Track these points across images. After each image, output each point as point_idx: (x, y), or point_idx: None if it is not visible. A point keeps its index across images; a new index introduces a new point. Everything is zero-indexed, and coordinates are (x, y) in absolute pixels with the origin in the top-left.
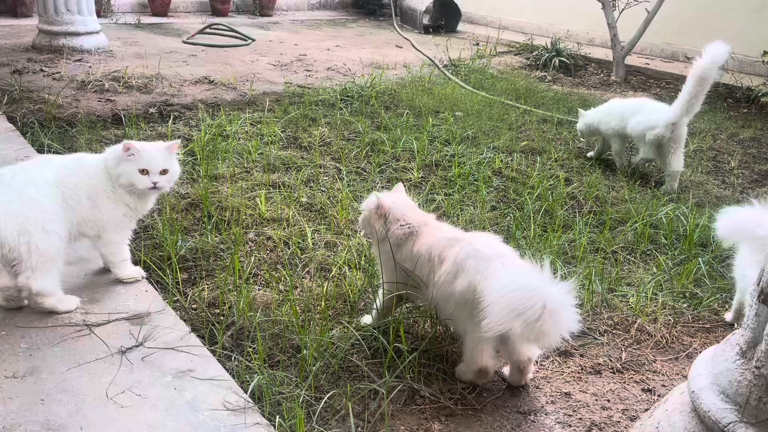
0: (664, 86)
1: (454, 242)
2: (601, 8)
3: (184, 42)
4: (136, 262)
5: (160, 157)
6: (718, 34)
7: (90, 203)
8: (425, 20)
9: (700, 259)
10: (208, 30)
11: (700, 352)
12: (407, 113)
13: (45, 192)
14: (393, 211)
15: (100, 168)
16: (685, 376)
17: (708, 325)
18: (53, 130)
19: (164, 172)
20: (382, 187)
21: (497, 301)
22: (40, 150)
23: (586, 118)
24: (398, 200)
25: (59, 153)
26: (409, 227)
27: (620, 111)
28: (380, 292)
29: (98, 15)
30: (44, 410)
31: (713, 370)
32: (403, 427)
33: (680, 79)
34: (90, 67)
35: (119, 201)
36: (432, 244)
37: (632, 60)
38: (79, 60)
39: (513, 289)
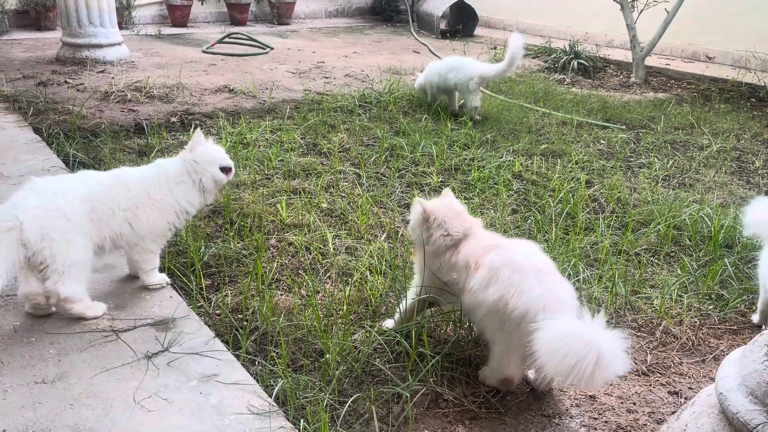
0: (685, 87)
1: (491, 249)
2: (620, 9)
3: (204, 51)
4: (160, 269)
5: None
6: (739, 34)
7: (128, 215)
8: (442, 25)
9: (725, 260)
10: (227, 39)
11: (727, 354)
12: (425, 118)
13: (72, 203)
14: (436, 218)
15: (150, 178)
16: (712, 379)
17: (735, 327)
18: (78, 140)
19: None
20: (402, 192)
21: (551, 354)
22: (66, 160)
23: (419, 78)
24: (443, 207)
25: (84, 162)
26: (451, 239)
27: (437, 70)
28: (408, 294)
29: (120, 27)
30: (73, 414)
31: (741, 371)
32: (427, 431)
33: (702, 79)
34: (113, 78)
35: (167, 210)
36: (469, 253)
37: (652, 61)
38: (102, 71)
39: (567, 345)
